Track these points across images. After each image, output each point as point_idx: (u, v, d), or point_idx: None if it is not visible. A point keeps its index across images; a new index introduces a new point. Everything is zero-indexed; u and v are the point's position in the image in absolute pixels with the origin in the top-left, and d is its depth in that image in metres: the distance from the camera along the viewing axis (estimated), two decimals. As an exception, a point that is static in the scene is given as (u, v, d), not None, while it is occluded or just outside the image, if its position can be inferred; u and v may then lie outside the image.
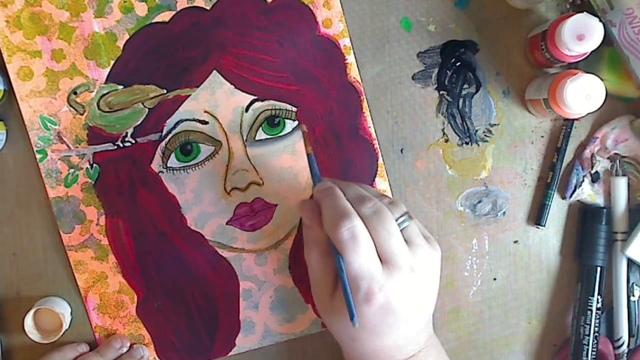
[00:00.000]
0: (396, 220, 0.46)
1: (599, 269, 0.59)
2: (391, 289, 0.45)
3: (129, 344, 0.59)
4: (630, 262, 0.59)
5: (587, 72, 0.53)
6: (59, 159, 0.58)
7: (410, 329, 0.47)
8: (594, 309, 0.58)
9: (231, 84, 0.58)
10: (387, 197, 0.49)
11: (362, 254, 0.44)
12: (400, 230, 0.47)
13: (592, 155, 0.60)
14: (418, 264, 0.46)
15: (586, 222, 0.60)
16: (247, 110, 0.59)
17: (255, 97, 0.58)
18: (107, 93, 0.58)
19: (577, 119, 0.60)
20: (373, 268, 0.45)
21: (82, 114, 0.58)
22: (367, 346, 0.47)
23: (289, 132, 0.59)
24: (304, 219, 0.49)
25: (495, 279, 0.61)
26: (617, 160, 0.60)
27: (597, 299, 0.58)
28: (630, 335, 0.59)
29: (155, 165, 0.59)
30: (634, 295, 0.60)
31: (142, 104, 0.58)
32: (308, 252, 0.49)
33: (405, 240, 0.47)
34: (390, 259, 0.45)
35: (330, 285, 0.48)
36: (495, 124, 0.61)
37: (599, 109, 0.52)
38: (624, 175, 0.60)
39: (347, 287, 0.45)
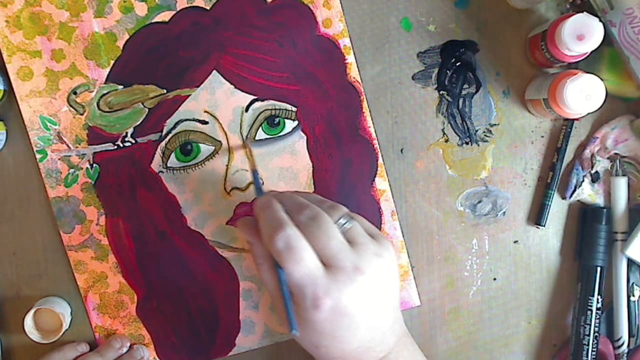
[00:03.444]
0: (337, 223, 0.46)
1: (599, 269, 0.59)
2: (338, 292, 0.44)
3: (129, 344, 0.59)
4: (630, 262, 0.59)
5: (587, 72, 0.53)
6: (59, 159, 0.58)
7: (373, 330, 0.47)
8: (594, 309, 0.58)
9: (231, 83, 0.58)
10: (327, 202, 0.49)
11: (300, 261, 0.44)
12: (343, 232, 0.46)
13: (592, 155, 0.60)
14: (363, 262, 0.45)
15: (586, 222, 0.60)
16: (247, 110, 0.59)
17: (255, 97, 0.58)
18: (107, 93, 0.58)
19: (577, 119, 0.60)
20: (315, 273, 0.44)
21: (82, 114, 0.58)
22: (332, 352, 0.47)
23: (289, 132, 0.59)
24: (245, 237, 0.49)
25: (495, 279, 0.61)
26: (617, 160, 0.60)
27: (597, 299, 0.58)
28: (630, 335, 0.59)
29: (155, 165, 0.59)
30: (634, 295, 0.60)
31: (142, 104, 0.58)
32: (258, 269, 0.49)
33: (349, 242, 0.46)
34: (333, 262, 0.45)
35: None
36: (495, 124, 0.61)
37: (599, 109, 0.52)
38: (624, 175, 0.60)
39: (287, 298, 0.45)
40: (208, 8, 0.58)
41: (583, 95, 0.52)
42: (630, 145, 0.60)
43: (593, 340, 0.58)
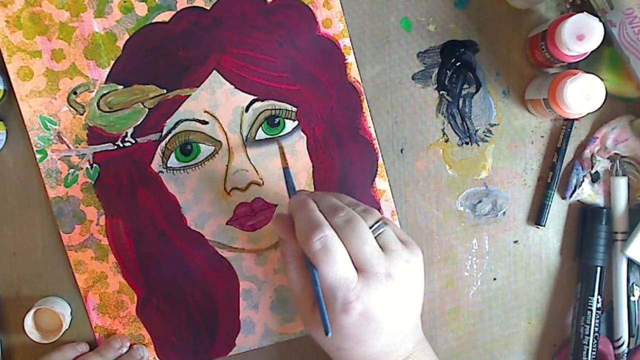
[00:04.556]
0: (371, 227, 0.46)
1: (599, 269, 0.59)
2: (369, 297, 0.45)
3: (128, 344, 0.59)
4: (630, 262, 0.59)
5: (587, 72, 0.53)
6: (59, 159, 0.58)
7: (395, 334, 0.47)
8: (594, 309, 0.58)
9: (231, 84, 0.58)
10: (361, 205, 0.49)
11: (335, 264, 0.44)
12: (376, 237, 0.46)
13: (592, 155, 0.60)
14: (395, 269, 0.46)
15: (586, 222, 0.60)
16: (247, 110, 0.59)
17: (255, 97, 0.58)
18: (107, 93, 0.58)
19: (577, 119, 0.60)
20: (348, 277, 0.44)
21: (82, 114, 0.58)
22: (353, 355, 0.47)
23: (289, 132, 0.59)
24: (278, 233, 0.50)
25: (495, 279, 0.61)
26: (617, 160, 0.60)
27: (597, 299, 0.58)
28: (630, 335, 0.59)
29: (155, 165, 0.59)
30: (634, 295, 0.60)
31: (142, 104, 0.58)
32: (286, 267, 0.49)
33: (382, 247, 0.46)
34: (365, 267, 0.45)
35: (311, 299, 0.48)
36: (495, 124, 0.61)
37: (599, 109, 0.52)
38: (624, 175, 0.60)
39: (321, 298, 0.45)
40: (208, 8, 0.58)
41: (583, 95, 0.52)
42: (630, 145, 0.60)
43: (593, 340, 0.58)
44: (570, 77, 0.52)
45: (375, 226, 0.47)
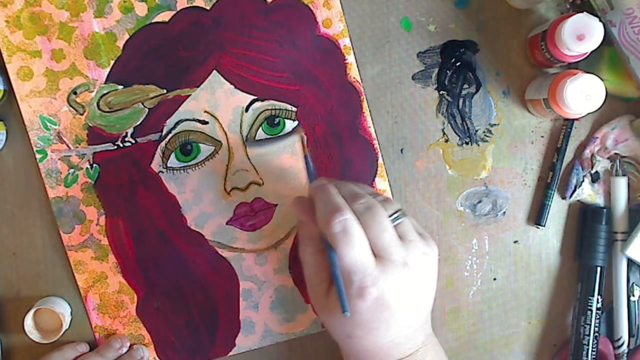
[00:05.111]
0: (390, 217, 0.47)
1: (599, 269, 0.59)
2: (384, 283, 0.45)
3: (128, 344, 0.59)
4: (630, 262, 0.59)
5: (587, 72, 0.53)
6: (59, 159, 0.58)
7: (407, 326, 0.47)
8: (594, 309, 0.58)
9: (231, 83, 0.58)
10: (381, 195, 0.50)
11: (354, 247, 0.44)
12: (395, 226, 0.47)
13: (592, 155, 0.60)
14: (412, 259, 0.46)
15: (586, 222, 0.60)
16: (247, 110, 0.59)
17: (255, 97, 0.59)
18: (107, 93, 0.58)
19: (577, 119, 0.60)
20: (366, 262, 0.45)
21: (82, 114, 0.58)
22: (363, 343, 0.47)
23: (289, 132, 0.59)
24: (298, 215, 0.50)
25: (495, 279, 0.61)
26: (617, 160, 0.60)
27: (597, 299, 0.58)
28: (630, 335, 0.59)
29: (155, 165, 0.59)
30: (634, 295, 0.60)
31: (142, 104, 0.58)
32: (303, 250, 0.49)
33: (399, 237, 0.47)
34: (383, 254, 0.45)
35: (325, 283, 0.48)
36: (495, 124, 0.61)
37: (599, 109, 0.52)
38: (624, 175, 0.60)
39: (339, 279, 0.45)
40: (208, 8, 0.58)
41: (583, 95, 0.52)
42: (630, 145, 0.60)
43: (593, 340, 0.58)
44: (570, 77, 0.52)
45: (395, 216, 0.47)
